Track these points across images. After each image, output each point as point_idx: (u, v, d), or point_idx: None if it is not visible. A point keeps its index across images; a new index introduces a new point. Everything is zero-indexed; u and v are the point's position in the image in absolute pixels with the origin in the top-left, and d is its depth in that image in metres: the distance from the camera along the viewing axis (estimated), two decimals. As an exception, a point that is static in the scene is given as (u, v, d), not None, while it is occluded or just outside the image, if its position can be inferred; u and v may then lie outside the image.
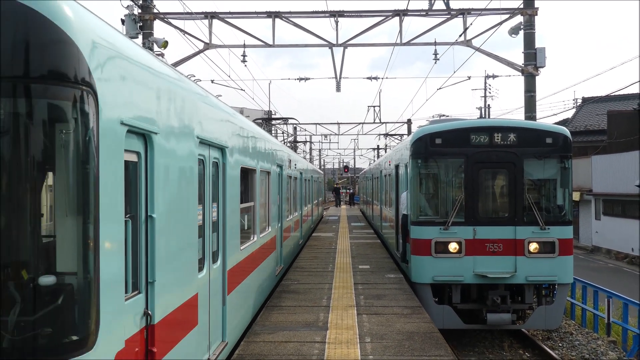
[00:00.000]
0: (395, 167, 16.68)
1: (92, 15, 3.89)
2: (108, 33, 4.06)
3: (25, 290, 3.35)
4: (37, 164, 3.43)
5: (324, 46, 20.64)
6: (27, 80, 3.31)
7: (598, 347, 13.18)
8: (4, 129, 3.31)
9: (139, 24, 18.83)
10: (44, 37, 3.34)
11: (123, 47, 4.25)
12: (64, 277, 3.48)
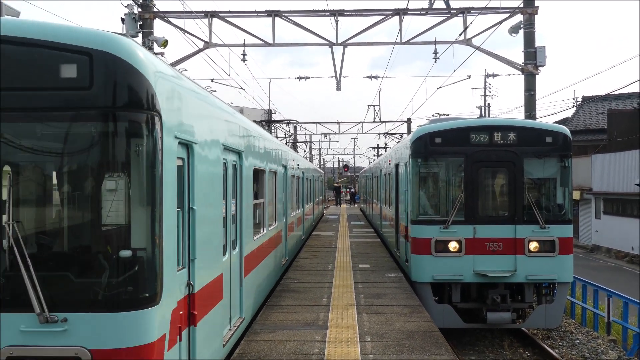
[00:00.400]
0: (395, 166, 16.69)
1: (157, 59, 5.18)
2: (168, 71, 5.35)
3: (110, 260, 4.63)
4: (118, 167, 4.71)
5: (324, 45, 20.63)
6: (114, 108, 4.55)
7: (598, 346, 13.19)
8: (97, 142, 4.61)
9: (139, 23, 18.81)
10: (127, 78, 4.56)
11: (176, 80, 5.55)
12: (137, 251, 4.64)
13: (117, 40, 4.65)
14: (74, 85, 4.54)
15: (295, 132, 51.98)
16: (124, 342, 4.53)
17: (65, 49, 4.54)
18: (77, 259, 4.82)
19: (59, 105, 4.55)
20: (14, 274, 4.49)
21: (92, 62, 4.53)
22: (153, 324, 4.70)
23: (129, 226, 4.70)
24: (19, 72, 4.56)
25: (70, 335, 4.48)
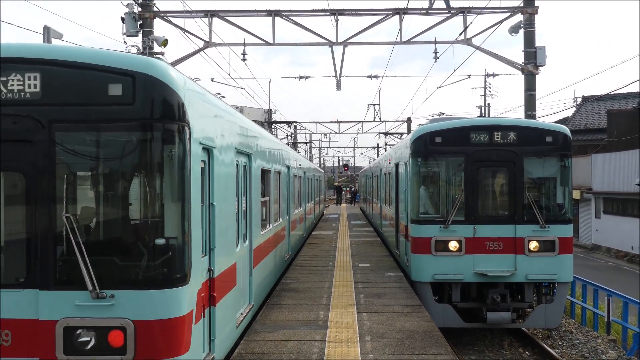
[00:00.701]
0: (395, 165, 16.69)
1: (186, 77, 6.01)
2: (195, 88, 6.22)
3: (148, 247, 5.51)
4: (155, 169, 5.56)
5: (324, 45, 20.61)
6: (152, 120, 5.45)
7: (598, 346, 13.19)
8: (138, 148, 5.53)
9: (139, 22, 18.82)
10: (162, 94, 5.47)
11: (201, 95, 6.45)
12: (169, 240, 5.53)
13: (154, 64, 5.59)
14: (119, 101, 5.43)
15: (295, 132, 51.98)
16: (160, 314, 5.42)
17: (112, 71, 5.46)
18: (121, 245, 5.76)
19: (107, 117, 5.45)
20: (69, 258, 5.38)
21: (134, 82, 5.44)
22: (184, 301, 5.61)
23: (162, 219, 5.60)
24: (74, 90, 5.46)
25: (117, 309, 5.35)
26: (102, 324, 5.36)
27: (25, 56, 5.53)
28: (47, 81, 5.46)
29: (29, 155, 5.46)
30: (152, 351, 5.39)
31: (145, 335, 5.37)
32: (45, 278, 5.42)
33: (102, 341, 5.35)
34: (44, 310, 5.39)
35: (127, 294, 5.38)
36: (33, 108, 5.43)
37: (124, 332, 5.35)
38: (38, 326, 5.38)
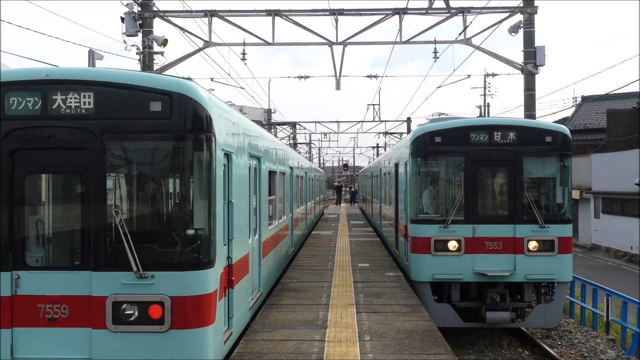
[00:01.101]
0: (395, 165, 16.69)
1: (212, 95, 7.04)
2: (219, 104, 7.35)
3: (180, 236, 6.59)
4: (187, 172, 6.71)
5: (323, 44, 20.59)
6: (185, 131, 6.51)
7: (597, 346, 13.20)
8: (173, 154, 6.69)
9: (139, 22, 18.82)
10: (194, 110, 6.53)
11: (224, 109, 7.59)
12: (198, 230, 6.59)
13: (187, 85, 6.64)
14: (158, 116, 6.48)
15: (295, 132, 51.96)
16: (192, 291, 6.47)
17: (153, 91, 6.52)
18: (159, 235, 6.90)
19: (148, 129, 6.51)
20: (117, 245, 6.39)
21: (171, 100, 6.48)
22: (210, 281, 6.68)
23: (192, 213, 6.71)
24: (121, 106, 6.51)
25: (156, 287, 6.39)
26: (144, 299, 6.41)
27: (81, 78, 6.61)
28: (99, 99, 6.51)
29: (84, 160, 6.52)
30: (185, 322, 6.43)
31: (180, 309, 6.42)
32: (98, 261, 6.48)
33: (144, 314, 6.40)
34: (96, 288, 6.45)
35: (164, 275, 6.44)
36: (87, 122, 6.49)
37: (162, 306, 6.39)
38: (91, 301, 6.44)
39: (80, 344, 6.44)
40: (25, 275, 6.52)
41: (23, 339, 6.47)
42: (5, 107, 6.49)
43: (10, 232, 6.53)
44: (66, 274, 6.55)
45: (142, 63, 19.39)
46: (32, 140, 6.52)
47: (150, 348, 6.39)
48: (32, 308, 6.49)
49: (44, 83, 6.54)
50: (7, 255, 6.49)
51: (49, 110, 6.49)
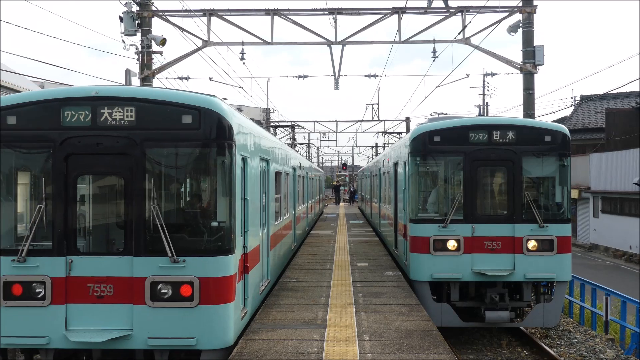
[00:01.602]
0: (394, 164, 16.68)
1: (232, 109, 8.33)
2: (238, 116, 8.56)
3: (206, 228, 7.98)
4: (212, 173, 8.02)
5: (322, 44, 20.58)
6: (211, 139, 7.74)
7: (596, 345, 13.20)
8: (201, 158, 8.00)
9: (137, 22, 18.80)
10: (218, 122, 7.75)
11: (242, 120, 8.85)
12: (221, 223, 7.87)
13: (213, 101, 7.89)
14: (189, 127, 7.69)
15: (294, 132, 51.92)
16: (216, 273, 7.69)
17: (185, 106, 7.74)
18: (189, 226, 8.27)
19: (181, 138, 7.75)
20: (155, 235, 7.60)
21: (200, 114, 7.70)
22: (231, 265, 7.89)
23: (216, 208, 8.01)
24: (158, 119, 7.74)
25: (187, 269, 7.57)
26: (177, 280, 7.58)
27: (124, 96, 7.87)
28: (139, 113, 7.72)
29: (127, 164, 7.70)
30: (211, 299, 7.60)
31: (206, 288, 7.60)
32: (138, 248, 7.64)
33: (177, 292, 7.56)
34: (137, 270, 7.60)
35: (194, 259, 7.61)
36: (130, 131, 7.69)
37: (192, 285, 7.56)
38: (132, 281, 7.60)
39: (123, 317, 7.63)
40: (77, 259, 7.70)
41: (75, 313, 7.65)
42: (61, 119, 7.71)
43: (64, 223, 7.69)
44: (111, 258, 7.75)
45: (140, 62, 19.36)
46: (83, 147, 7.72)
47: (182, 321, 7.58)
48: (83, 287, 7.65)
49: (94, 99, 7.76)
50: (62, 243, 7.67)
51: (98, 122, 7.70)
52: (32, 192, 8.15)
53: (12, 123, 7.74)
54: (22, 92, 8.58)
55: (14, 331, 7.64)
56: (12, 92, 33.43)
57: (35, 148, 7.87)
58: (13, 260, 7.63)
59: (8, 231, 7.94)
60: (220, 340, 7.75)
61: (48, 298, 7.61)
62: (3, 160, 7.83)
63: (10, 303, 7.64)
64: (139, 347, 7.62)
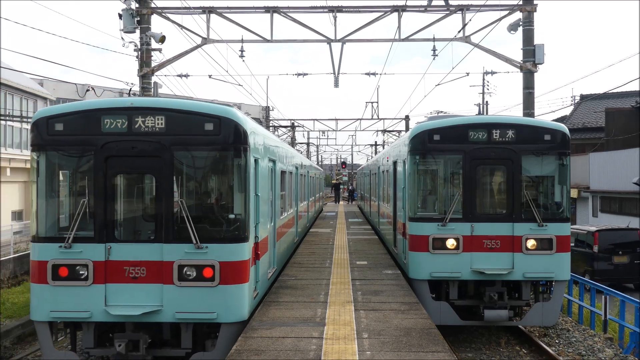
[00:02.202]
0: (393, 163, 16.67)
1: (247, 117, 9.66)
2: (251, 122, 9.82)
3: (225, 219, 9.29)
4: (230, 172, 9.23)
5: (322, 42, 20.52)
6: (229, 144, 8.96)
7: (595, 344, 13.20)
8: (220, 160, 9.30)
9: (137, 19, 18.78)
10: (235, 129, 8.95)
11: (255, 126, 10.15)
12: (237, 215, 9.14)
13: (231, 111, 9.11)
14: (211, 133, 8.90)
15: (294, 131, 51.89)
16: (234, 258, 8.92)
17: (207, 115, 8.95)
18: (210, 218, 9.40)
19: (204, 142, 8.99)
20: (181, 225, 8.82)
21: (220, 122, 8.92)
22: (246, 251, 9.12)
23: (233, 202, 9.31)
24: (185, 126, 8.94)
25: (209, 255, 8.81)
26: (200, 263, 8.78)
27: (155, 106, 9.05)
28: (169, 121, 8.93)
29: (158, 164, 8.93)
30: (229, 280, 8.83)
31: (225, 270, 8.81)
32: (167, 236, 8.85)
33: (200, 274, 8.77)
34: (166, 255, 8.82)
35: (214, 246, 8.83)
36: (160, 137, 8.91)
37: (213, 268, 8.77)
38: (162, 265, 8.82)
39: (154, 295, 8.85)
40: (115, 246, 8.93)
41: (113, 291, 8.87)
42: (101, 126, 8.93)
43: (104, 215, 8.92)
44: (144, 245, 9.00)
45: (139, 60, 19.34)
46: (120, 150, 8.93)
47: (204, 298, 8.79)
48: (120, 269, 8.87)
49: (129, 109, 8.97)
50: (103, 232, 8.91)
51: (133, 128, 8.91)
52: (74, 189, 9.43)
53: (59, 129, 8.99)
54: (67, 103, 9.83)
55: (60, 307, 8.87)
56: (11, 89, 33.38)
57: (79, 151, 9.11)
58: (60, 246, 8.86)
59: (54, 222, 9.27)
60: (237, 314, 9.00)
61: (90, 279, 8.86)
62: (50, 161, 9.18)
63: (58, 283, 8.86)
64: (168, 320, 8.85)
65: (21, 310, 17.38)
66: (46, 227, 9.15)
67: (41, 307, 8.95)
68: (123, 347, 8.67)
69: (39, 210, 9.12)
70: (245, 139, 9.06)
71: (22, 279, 22.91)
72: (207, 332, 9.24)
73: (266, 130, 12.26)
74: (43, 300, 8.92)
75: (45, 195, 9.18)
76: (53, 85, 51.29)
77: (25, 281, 22.56)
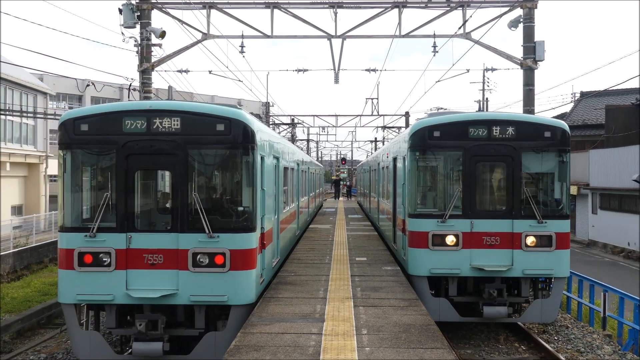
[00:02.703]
0: (393, 159, 16.66)
1: (254, 118, 10.55)
2: (258, 123, 10.68)
3: (235, 211, 10.07)
4: (239, 169, 10.03)
5: (322, 37, 20.51)
6: (238, 143, 9.77)
7: (593, 341, 13.22)
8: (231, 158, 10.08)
9: (137, 14, 18.74)
10: (244, 129, 9.78)
11: (260, 127, 10.86)
12: (245, 208, 9.93)
13: (240, 113, 9.98)
14: (222, 133, 9.73)
15: (294, 126, 51.82)
16: (243, 246, 9.76)
17: (219, 117, 9.79)
18: (221, 210, 10.23)
19: (215, 142, 9.83)
20: (195, 217, 9.61)
21: (230, 123, 9.74)
22: (254, 240, 9.98)
23: (242, 196, 10.12)
24: (198, 127, 9.74)
25: (220, 243, 9.61)
26: (212, 251, 9.60)
27: (172, 109, 9.83)
28: (183, 122, 9.74)
29: (174, 161, 9.75)
30: (238, 266, 9.67)
31: (235, 257, 9.63)
32: (183, 227, 9.67)
33: (212, 261, 9.59)
34: (181, 243, 9.64)
35: (226, 235, 9.63)
36: (176, 137, 9.72)
37: (224, 256, 9.59)
38: (178, 252, 9.65)
39: (170, 279, 9.68)
40: (135, 235, 9.75)
41: (133, 276, 9.72)
42: (123, 127, 9.74)
43: (125, 207, 9.73)
44: (162, 234, 9.79)
45: (140, 55, 19.31)
46: (140, 149, 9.75)
47: (216, 283, 9.61)
48: (139, 257, 9.70)
49: (148, 112, 9.79)
50: (124, 223, 9.73)
51: (151, 129, 9.73)
52: (97, 183, 10.33)
53: (85, 129, 9.81)
54: (92, 106, 11.12)
55: (85, 291, 9.72)
56: (11, 84, 33.34)
57: (102, 149, 9.96)
58: (85, 236, 9.70)
59: (78, 214, 10.14)
60: (246, 297, 9.86)
61: (113, 265, 9.69)
62: (76, 159, 10.05)
63: (83, 269, 9.70)
64: (183, 302, 9.68)
65: (21, 305, 17.40)
66: (72, 219, 10.01)
67: (68, 291, 9.80)
68: (143, 326, 9.58)
69: (65, 203, 9.99)
70: (253, 139, 9.89)
71: (22, 273, 22.94)
72: (219, 314, 10.07)
73: (271, 130, 13.27)
74: (70, 284, 9.78)
75: (71, 189, 10.05)
76: (53, 80, 51.26)
77: (24, 276, 22.59)
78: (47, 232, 28.89)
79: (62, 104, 60.83)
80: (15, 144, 34.07)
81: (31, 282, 21.08)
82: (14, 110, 31.93)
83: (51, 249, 26.13)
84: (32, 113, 34.28)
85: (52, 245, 26.36)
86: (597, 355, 12.29)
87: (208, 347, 9.82)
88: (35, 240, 26.20)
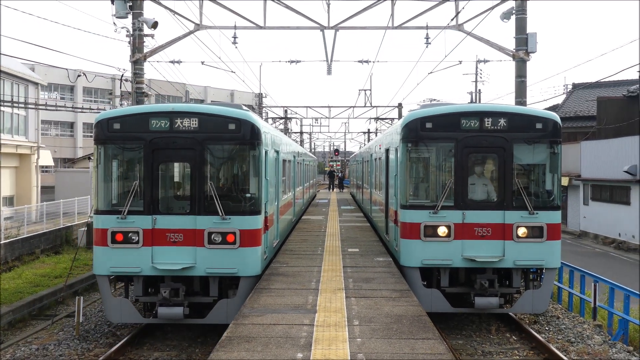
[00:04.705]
0: (385, 150, 16.67)
1: (259, 117, 13.21)
2: (262, 123, 12.83)
3: (242, 197, 11.90)
4: (247, 162, 11.92)
5: (315, 28, 20.45)
6: (247, 140, 11.68)
7: (584, 331, 13.32)
8: (240, 153, 11.97)
9: (129, 4, 18.62)
10: (252, 128, 11.69)
11: (265, 126, 12.88)
12: (252, 194, 11.81)
13: (249, 114, 11.75)
14: (233, 132, 11.48)
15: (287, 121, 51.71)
16: (251, 227, 11.51)
17: (231, 118, 11.52)
18: (232, 196, 11.84)
19: (228, 139, 11.61)
20: (211, 202, 11.32)
21: (240, 123, 11.49)
22: (259, 222, 11.75)
23: (249, 184, 11.82)
24: (213, 126, 11.52)
25: (232, 224, 11.34)
26: (225, 231, 11.32)
27: (191, 111, 11.57)
28: (201, 122, 11.45)
29: (193, 156, 11.47)
30: (246, 243, 11.42)
31: (244, 236, 11.39)
32: (200, 210, 11.40)
33: (224, 239, 11.32)
34: (199, 224, 11.37)
35: (236, 217, 11.38)
36: (195, 134, 11.44)
37: (234, 235, 11.33)
38: (195, 232, 11.37)
39: (189, 255, 11.37)
40: (159, 217, 11.44)
41: (158, 252, 11.41)
42: (149, 126, 11.43)
43: (151, 194, 11.46)
44: (182, 217, 11.47)
45: (132, 46, 19.21)
46: (164, 144, 11.46)
47: (228, 257, 11.33)
48: (163, 235, 11.40)
49: (171, 113, 11.47)
50: (150, 207, 11.43)
51: (173, 128, 11.43)
52: (126, 174, 12.03)
53: (117, 128, 11.48)
54: (123, 108, 13.39)
55: (117, 264, 11.45)
56: (2, 74, 33.10)
57: (132, 145, 11.66)
58: (117, 217, 11.39)
59: (110, 200, 11.84)
60: (253, 270, 11.60)
61: (140, 242, 11.38)
62: (109, 153, 11.72)
63: (115, 246, 11.39)
64: (200, 274, 11.42)
65: (12, 296, 17.35)
66: (105, 203, 11.71)
67: (102, 264, 11.51)
68: (168, 293, 11.29)
69: (99, 190, 11.71)
70: (259, 136, 11.66)
71: (13, 264, 22.86)
72: (230, 284, 11.73)
73: (273, 128, 15.46)
74: (104, 259, 11.47)
75: (104, 179, 11.73)
76: (44, 70, 50.93)
77: (16, 267, 22.51)
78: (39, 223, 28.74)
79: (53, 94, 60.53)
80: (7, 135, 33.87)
81: (22, 273, 21.00)
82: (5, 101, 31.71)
83: (43, 240, 26.04)
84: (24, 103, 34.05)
85: (44, 237, 26.26)
86: (587, 345, 12.38)
87: (221, 312, 11.47)
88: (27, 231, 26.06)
